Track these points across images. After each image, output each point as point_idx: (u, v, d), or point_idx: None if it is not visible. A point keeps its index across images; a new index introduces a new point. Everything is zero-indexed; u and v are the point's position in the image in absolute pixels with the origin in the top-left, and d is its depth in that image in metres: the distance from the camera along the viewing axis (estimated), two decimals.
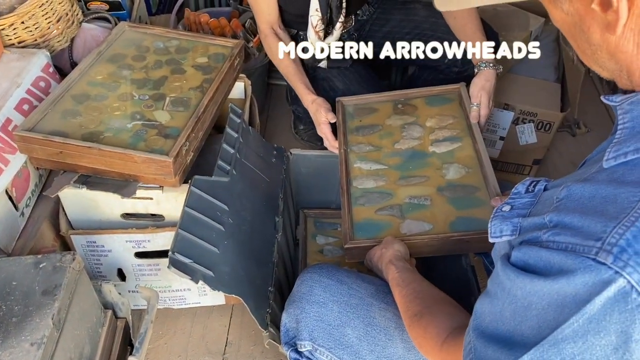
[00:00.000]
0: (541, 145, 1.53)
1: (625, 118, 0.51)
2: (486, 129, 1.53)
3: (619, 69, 0.52)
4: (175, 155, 0.97)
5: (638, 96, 0.50)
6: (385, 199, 1.07)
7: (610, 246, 0.43)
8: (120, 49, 1.24)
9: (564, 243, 0.47)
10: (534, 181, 0.61)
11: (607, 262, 0.43)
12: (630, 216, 0.44)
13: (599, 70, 0.55)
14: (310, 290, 0.85)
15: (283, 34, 1.34)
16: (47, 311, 0.78)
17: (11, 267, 0.84)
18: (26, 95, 1.10)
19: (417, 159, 1.14)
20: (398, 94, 1.28)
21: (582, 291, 0.44)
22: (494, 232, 0.59)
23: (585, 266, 0.44)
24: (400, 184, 1.09)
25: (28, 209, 1.09)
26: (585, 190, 0.49)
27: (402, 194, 1.07)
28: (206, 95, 1.13)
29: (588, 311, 0.44)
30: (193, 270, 0.88)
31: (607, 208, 0.46)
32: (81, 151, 0.98)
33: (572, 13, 0.51)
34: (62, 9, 1.28)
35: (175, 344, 1.21)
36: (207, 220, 0.96)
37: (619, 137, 0.51)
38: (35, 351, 0.73)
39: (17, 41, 1.20)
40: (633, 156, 0.48)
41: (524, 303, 0.49)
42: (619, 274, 0.42)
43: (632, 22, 0.47)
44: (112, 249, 1.10)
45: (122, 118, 1.07)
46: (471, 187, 1.05)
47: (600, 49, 0.51)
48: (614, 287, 0.43)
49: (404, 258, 0.91)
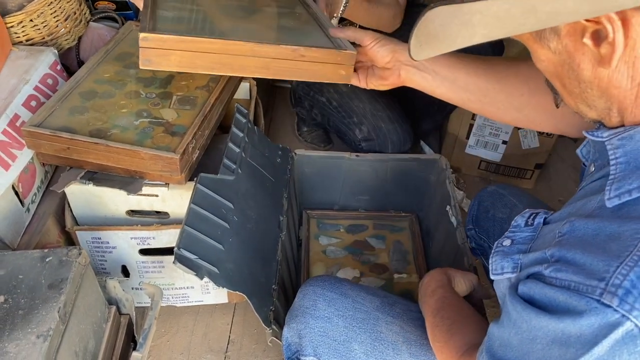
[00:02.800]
0: (543, 150, 1.54)
1: (617, 153, 0.50)
2: (489, 132, 1.54)
3: (608, 107, 0.50)
4: (181, 152, 0.98)
5: (628, 131, 0.49)
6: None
7: (614, 287, 0.43)
8: (127, 47, 1.25)
9: (567, 280, 0.46)
10: (533, 213, 0.60)
11: (613, 304, 0.42)
12: (633, 255, 0.43)
13: (586, 110, 0.53)
14: (314, 304, 0.82)
15: None
16: (53, 304, 0.78)
17: (18, 260, 0.84)
18: (34, 92, 1.11)
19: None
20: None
21: (588, 332, 0.44)
22: (495, 269, 0.58)
23: (591, 308, 0.43)
24: None
25: (34, 204, 1.10)
26: (589, 227, 0.48)
27: None
28: (212, 94, 1.14)
29: (596, 352, 0.43)
30: (198, 266, 0.88)
31: (610, 245, 0.45)
32: (88, 147, 0.99)
33: (561, 51, 0.49)
34: (70, 8, 1.29)
35: (178, 342, 1.21)
36: (212, 217, 0.96)
37: (614, 173, 0.50)
38: (42, 343, 0.74)
39: (26, 39, 1.21)
40: (638, 194, 0.47)
41: (529, 336, 0.49)
42: (625, 317, 0.42)
43: (626, 54, 0.45)
44: (117, 245, 1.10)
45: (129, 115, 1.08)
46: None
47: (591, 86, 0.49)
48: (622, 330, 0.42)
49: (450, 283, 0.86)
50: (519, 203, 0.99)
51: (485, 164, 1.63)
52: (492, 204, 1.04)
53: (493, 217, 1.02)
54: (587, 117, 0.55)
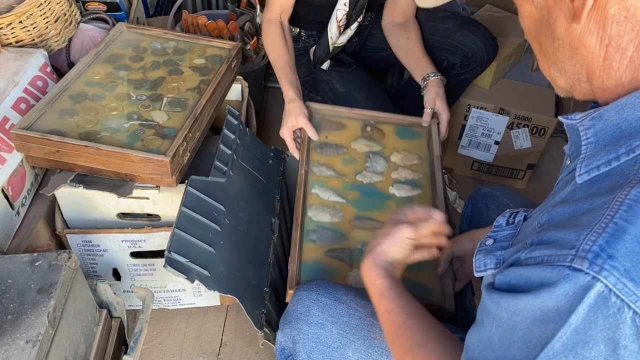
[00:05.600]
0: (535, 150, 1.55)
1: (588, 134, 0.52)
2: (481, 132, 1.55)
3: (578, 72, 0.52)
4: (172, 155, 0.97)
5: (598, 111, 0.51)
6: (337, 240, 1.02)
7: (584, 252, 0.43)
8: (117, 49, 1.25)
9: (540, 257, 0.47)
10: (513, 212, 0.62)
11: (583, 268, 0.43)
12: (601, 222, 0.44)
13: (557, 77, 0.56)
14: (307, 310, 0.81)
15: (288, 27, 1.31)
16: (42, 309, 0.77)
17: (7, 265, 0.83)
18: (23, 94, 1.10)
19: (376, 198, 1.09)
20: (369, 115, 1.24)
21: (564, 302, 0.44)
22: (478, 266, 0.60)
23: (563, 276, 0.44)
24: (355, 225, 1.04)
25: (24, 208, 1.09)
26: (565, 211, 0.49)
27: (355, 236, 1.02)
28: (203, 96, 1.13)
29: (573, 322, 0.43)
30: (189, 269, 0.88)
31: (582, 219, 0.46)
32: (78, 150, 0.98)
33: (542, 5, 0.52)
34: (60, 9, 1.28)
35: (170, 345, 1.21)
36: (203, 220, 0.96)
37: (584, 152, 0.52)
38: (31, 349, 0.73)
39: (15, 40, 1.20)
40: (605, 168, 0.49)
41: (509, 324, 0.49)
42: (596, 278, 0.42)
43: (597, 13, 0.48)
44: (108, 248, 1.10)
45: (120, 118, 1.07)
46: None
47: (564, 44, 0.52)
48: (593, 292, 0.43)
49: (393, 263, 0.78)
50: (512, 204, 1.00)
51: (478, 165, 1.63)
52: (486, 205, 1.04)
53: (487, 218, 1.02)
54: (558, 86, 0.57)
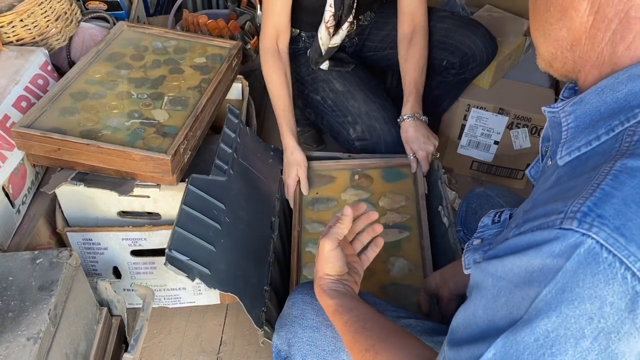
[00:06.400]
0: (535, 150, 1.55)
1: (568, 119, 0.52)
2: (480, 132, 1.55)
3: (562, 38, 0.52)
4: (173, 153, 0.98)
5: (580, 96, 0.52)
6: None
7: (573, 213, 0.43)
8: (118, 48, 1.25)
9: (529, 228, 0.46)
10: (498, 212, 0.63)
11: (573, 226, 0.42)
12: (588, 190, 0.44)
13: (541, 42, 0.55)
14: (302, 313, 0.82)
15: (286, 58, 1.29)
16: (43, 306, 0.78)
17: (8, 262, 0.84)
18: (24, 93, 1.10)
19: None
20: (356, 163, 1.29)
21: (549, 261, 0.43)
22: (467, 264, 0.62)
23: (552, 236, 0.43)
24: None
25: (24, 206, 1.09)
26: (550, 194, 0.49)
27: None
28: (204, 95, 1.13)
29: (560, 280, 0.42)
30: (189, 267, 0.88)
31: (567, 194, 0.46)
32: (79, 148, 0.98)
33: None
34: (60, 8, 1.28)
35: (170, 343, 1.21)
36: (204, 218, 0.96)
37: (565, 137, 0.52)
38: (32, 346, 0.73)
39: (16, 39, 1.20)
40: (586, 149, 0.49)
41: (493, 292, 0.47)
42: (586, 235, 0.41)
43: None
44: (108, 246, 1.10)
45: (120, 116, 1.07)
46: (411, 288, 1.05)
47: (555, 3, 0.51)
48: (583, 249, 0.42)
49: (339, 279, 0.78)
50: (506, 204, 1.00)
51: (478, 165, 1.63)
52: (480, 206, 1.04)
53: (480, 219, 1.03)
54: (540, 54, 0.57)
